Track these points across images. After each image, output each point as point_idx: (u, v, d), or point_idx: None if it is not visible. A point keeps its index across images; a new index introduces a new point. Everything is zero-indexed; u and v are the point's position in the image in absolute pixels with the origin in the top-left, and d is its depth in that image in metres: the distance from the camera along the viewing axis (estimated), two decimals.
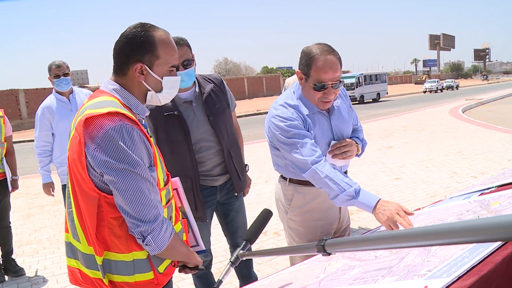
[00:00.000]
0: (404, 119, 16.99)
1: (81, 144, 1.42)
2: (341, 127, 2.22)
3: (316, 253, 0.96)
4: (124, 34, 1.55)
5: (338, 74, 2.04)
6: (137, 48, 1.52)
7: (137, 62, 1.53)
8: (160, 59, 1.56)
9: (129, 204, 1.43)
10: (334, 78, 2.03)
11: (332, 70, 2.01)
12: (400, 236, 0.70)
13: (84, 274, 1.57)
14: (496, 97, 29.31)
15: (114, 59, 1.58)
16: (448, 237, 0.59)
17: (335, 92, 2.08)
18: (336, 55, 2.04)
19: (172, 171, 2.59)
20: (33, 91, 28.95)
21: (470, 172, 7.15)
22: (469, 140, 10.44)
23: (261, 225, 1.63)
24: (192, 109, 2.61)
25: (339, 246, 0.94)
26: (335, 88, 2.06)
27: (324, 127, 2.16)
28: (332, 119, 2.20)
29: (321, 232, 2.25)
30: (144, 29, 1.54)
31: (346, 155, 2.15)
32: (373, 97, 36.07)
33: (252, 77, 50.73)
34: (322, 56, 2.01)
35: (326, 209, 2.24)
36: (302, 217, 2.25)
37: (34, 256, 4.76)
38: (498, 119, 15.14)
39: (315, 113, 2.15)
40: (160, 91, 1.62)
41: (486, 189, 2.06)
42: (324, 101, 2.09)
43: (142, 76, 1.55)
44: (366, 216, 5.27)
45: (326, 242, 0.92)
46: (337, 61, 2.04)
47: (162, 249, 1.50)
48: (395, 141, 11.25)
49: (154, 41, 1.54)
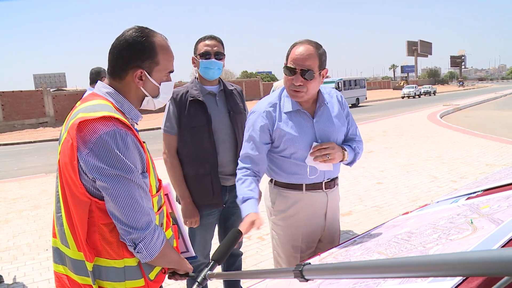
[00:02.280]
0: (384, 124, 17.20)
1: (73, 148, 1.38)
2: (327, 131, 2.19)
3: (293, 278, 0.91)
4: (123, 38, 1.52)
5: (308, 63, 2.04)
6: (137, 54, 1.50)
7: (137, 68, 1.51)
8: (160, 65, 1.55)
9: (121, 211, 1.40)
10: (302, 65, 2.04)
11: (302, 57, 2.04)
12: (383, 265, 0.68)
13: (73, 280, 1.53)
14: (472, 103, 29.97)
15: (111, 63, 1.55)
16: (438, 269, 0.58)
17: (302, 81, 2.06)
18: (314, 46, 2.07)
19: (192, 156, 2.70)
20: (9, 94, 28.33)
21: (450, 177, 7.27)
22: (448, 145, 10.63)
23: (230, 246, 1.60)
24: (215, 101, 2.76)
25: (318, 273, 0.90)
26: (304, 77, 2.05)
27: (304, 128, 2.15)
28: (316, 121, 2.18)
29: (303, 239, 2.23)
30: (144, 34, 1.52)
31: (326, 158, 2.10)
32: (352, 102, 36.36)
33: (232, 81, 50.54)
34: (299, 44, 2.09)
35: (309, 216, 2.22)
36: (285, 222, 2.23)
37: (13, 262, 4.63)
38: (475, 125, 15.47)
39: (297, 112, 2.15)
40: (157, 96, 1.60)
41: (472, 193, 2.09)
42: (292, 89, 2.10)
43: (141, 82, 1.53)
44: (349, 221, 5.30)
45: (304, 267, 0.88)
46: (310, 51, 2.05)
47: (154, 256, 1.48)
48: (375, 146, 11.36)
49: (155, 48, 1.52)
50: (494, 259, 0.50)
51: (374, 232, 1.99)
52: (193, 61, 2.75)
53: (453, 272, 0.57)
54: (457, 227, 1.40)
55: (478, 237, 1.18)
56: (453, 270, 0.56)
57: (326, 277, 1.09)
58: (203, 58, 2.67)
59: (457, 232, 1.33)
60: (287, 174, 2.18)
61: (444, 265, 0.57)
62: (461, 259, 0.54)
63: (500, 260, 0.50)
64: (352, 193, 6.62)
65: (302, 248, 2.23)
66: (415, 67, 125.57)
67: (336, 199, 2.32)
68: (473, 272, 0.54)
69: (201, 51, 2.68)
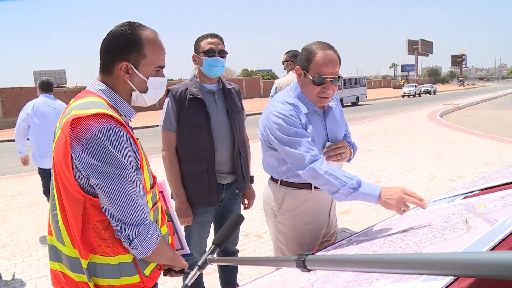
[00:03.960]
0: (384, 123, 17.20)
1: (67, 145, 1.38)
2: (335, 129, 2.23)
3: (295, 268, 0.90)
4: (111, 32, 1.53)
5: (337, 70, 2.07)
6: (123, 46, 1.50)
7: (122, 60, 1.51)
8: (146, 59, 1.54)
9: (115, 207, 1.40)
10: (333, 73, 2.05)
11: (332, 64, 2.04)
12: (386, 261, 0.68)
13: (68, 277, 1.53)
14: (472, 102, 29.94)
15: (100, 57, 1.55)
16: (440, 267, 0.59)
17: (333, 88, 2.09)
18: (335, 51, 2.07)
19: (190, 154, 2.70)
20: (9, 90, 28.34)
21: (449, 176, 7.28)
22: (448, 144, 10.63)
23: (232, 230, 1.59)
24: (214, 99, 2.78)
25: (320, 264, 0.89)
26: (334, 84, 2.07)
27: (319, 128, 2.16)
28: (327, 120, 2.20)
29: (310, 236, 2.24)
30: (131, 27, 1.52)
31: (340, 157, 2.16)
32: (352, 101, 36.33)
33: (232, 79, 50.69)
34: (322, 50, 2.04)
35: (316, 213, 2.24)
36: (292, 221, 2.23)
37: (11, 259, 4.64)
38: (474, 124, 15.46)
39: (312, 113, 2.15)
40: (145, 91, 1.59)
41: (469, 192, 2.09)
42: (322, 96, 2.09)
43: (127, 75, 1.53)
44: (347, 219, 5.31)
45: (306, 257, 0.87)
46: (337, 57, 2.07)
47: (149, 252, 1.48)
48: (375, 144, 11.37)
49: (141, 40, 1.52)
50: (483, 261, 0.51)
51: (370, 231, 1.99)
52: (193, 58, 2.74)
53: (451, 271, 0.58)
54: (452, 226, 1.41)
55: (471, 236, 1.18)
56: (451, 270, 0.57)
57: (329, 268, 1.07)
58: (208, 56, 2.66)
59: (452, 231, 1.33)
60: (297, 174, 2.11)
61: (441, 264, 0.57)
62: (458, 259, 0.55)
63: (490, 263, 0.50)
64: None
65: (308, 246, 2.24)
66: (416, 66, 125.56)
67: None
68: (466, 272, 0.54)
69: (205, 48, 2.67)
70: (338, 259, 0.85)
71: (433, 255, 0.59)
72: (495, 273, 0.50)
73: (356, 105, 36.00)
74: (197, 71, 2.77)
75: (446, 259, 0.57)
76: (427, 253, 0.64)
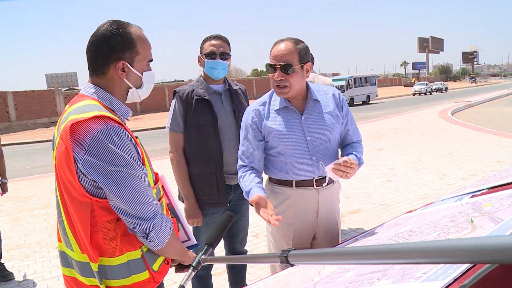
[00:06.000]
0: (394, 122, 17.09)
1: (68, 151, 1.40)
2: (315, 129, 2.18)
3: (279, 263, 0.96)
4: (99, 34, 1.52)
5: (286, 58, 2.08)
6: (117, 46, 1.52)
7: (118, 60, 1.53)
8: (140, 55, 1.57)
9: (127, 205, 1.42)
10: (280, 59, 2.08)
11: (278, 52, 2.09)
12: (366, 252, 0.69)
13: (80, 282, 1.55)
14: (484, 99, 29.65)
15: (91, 60, 1.55)
16: (416, 256, 0.58)
17: (285, 77, 2.09)
18: (290, 41, 2.12)
19: (197, 155, 2.71)
20: (22, 94, 28.64)
21: (460, 174, 7.21)
22: (459, 142, 10.53)
23: (223, 229, 1.61)
24: (221, 100, 2.79)
25: (302, 258, 0.94)
26: (284, 72, 2.08)
27: (292, 125, 2.17)
28: (305, 118, 2.19)
29: (294, 236, 2.24)
30: (121, 26, 1.54)
31: (344, 176, 2.08)
32: (363, 100, 36.21)
33: (242, 79, 50.70)
34: (278, 41, 2.15)
35: (300, 213, 2.22)
36: None
37: (23, 260, 4.70)
38: (486, 121, 15.31)
39: (285, 109, 2.19)
40: (140, 86, 1.62)
41: (477, 191, 2.07)
42: (275, 85, 2.14)
43: (123, 73, 1.55)
44: (357, 219, 5.29)
45: (289, 253, 0.92)
46: (288, 46, 2.10)
47: (165, 243, 1.51)
48: (385, 143, 11.31)
49: (133, 38, 1.54)
50: (477, 247, 0.51)
51: (377, 231, 1.99)
52: (198, 60, 2.76)
53: (432, 259, 0.58)
54: (457, 225, 1.40)
55: (475, 235, 1.17)
56: (433, 258, 0.57)
57: (311, 262, 1.12)
58: (209, 58, 2.68)
59: (456, 231, 1.32)
60: (278, 170, 2.23)
61: (424, 252, 0.57)
62: (443, 246, 0.55)
63: (483, 248, 0.50)
64: (361, 190, 6.60)
65: (294, 245, 2.24)
66: (427, 63, 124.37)
67: (331, 197, 2.30)
68: (457, 259, 0.54)
69: (206, 50, 2.69)
70: (320, 253, 0.87)
71: (404, 245, 0.60)
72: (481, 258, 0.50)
73: (366, 103, 35.86)
74: (203, 72, 2.79)
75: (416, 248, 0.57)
76: (402, 243, 0.64)
